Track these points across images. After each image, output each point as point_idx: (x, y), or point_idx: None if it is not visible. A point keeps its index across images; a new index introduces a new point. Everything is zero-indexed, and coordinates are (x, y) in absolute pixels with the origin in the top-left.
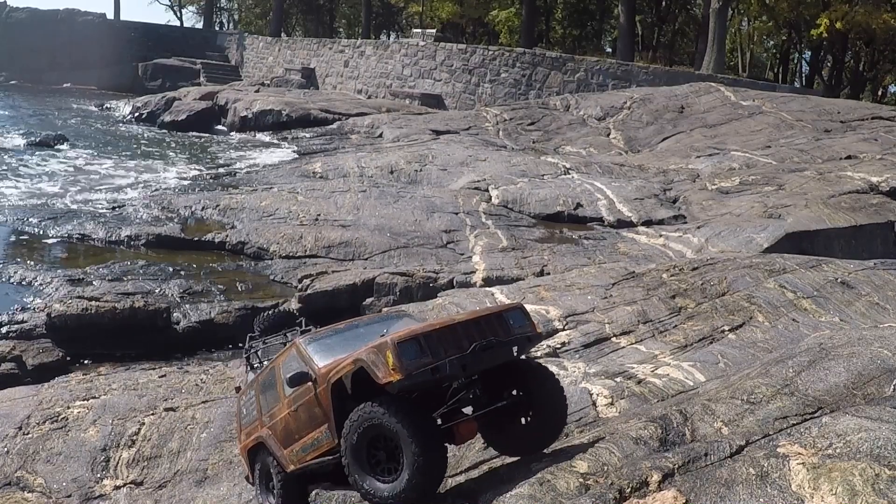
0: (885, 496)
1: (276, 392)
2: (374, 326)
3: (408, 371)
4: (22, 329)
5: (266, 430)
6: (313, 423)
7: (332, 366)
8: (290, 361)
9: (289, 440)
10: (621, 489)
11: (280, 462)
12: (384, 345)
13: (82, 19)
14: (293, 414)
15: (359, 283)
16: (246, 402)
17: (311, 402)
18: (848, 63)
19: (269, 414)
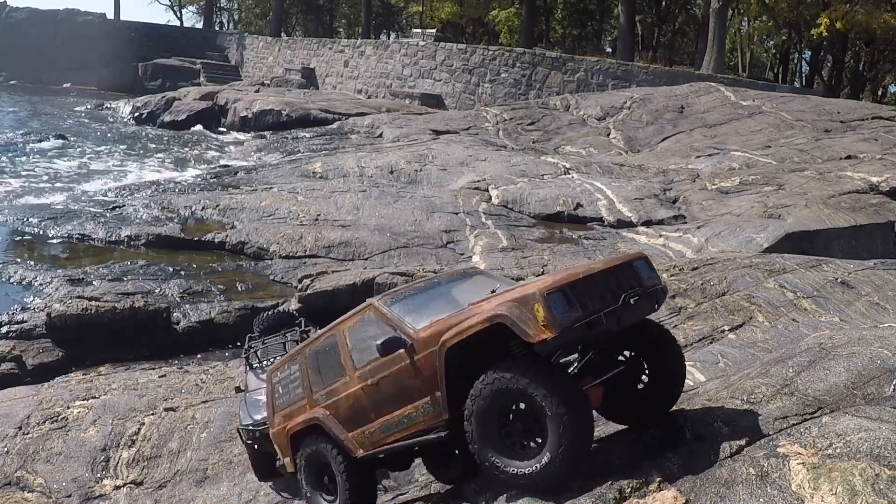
0: (885, 496)
1: (337, 365)
2: (459, 284)
3: (561, 326)
4: (22, 329)
5: (321, 409)
6: (405, 397)
7: (438, 328)
8: (366, 327)
9: (361, 419)
10: (621, 489)
11: (344, 446)
12: (530, 297)
13: (82, 19)
14: (370, 388)
15: (359, 283)
16: (283, 380)
17: (403, 372)
18: (848, 63)
19: (325, 391)
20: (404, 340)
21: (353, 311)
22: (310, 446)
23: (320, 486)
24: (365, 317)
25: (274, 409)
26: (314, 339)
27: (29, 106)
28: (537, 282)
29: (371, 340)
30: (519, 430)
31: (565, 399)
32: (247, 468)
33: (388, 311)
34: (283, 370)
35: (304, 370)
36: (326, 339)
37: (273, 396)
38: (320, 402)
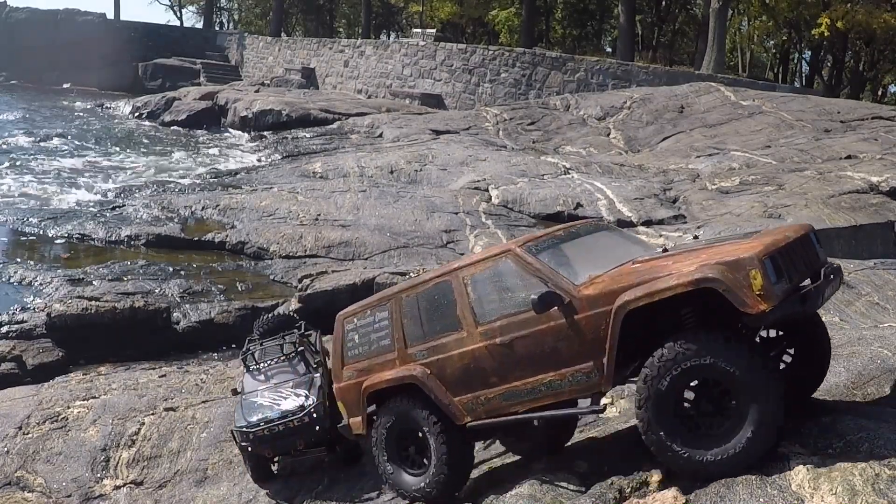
0: (885, 496)
1: (450, 317)
2: (597, 237)
3: (778, 298)
4: (22, 329)
5: (419, 367)
6: (549, 362)
7: (608, 286)
8: (499, 276)
9: (476, 383)
10: (621, 489)
11: (448, 412)
12: (746, 261)
13: (82, 19)
14: (498, 349)
15: (359, 282)
16: (361, 329)
17: (552, 333)
18: (848, 63)
19: (427, 346)
20: (561, 297)
21: (479, 255)
22: (395, 409)
23: (402, 458)
24: (500, 264)
25: (343, 361)
26: (415, 284)
27: (29, 106)
28: (740, 244)
29: (508, 292)
30: (707, 410)
31: (766, 380)
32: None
33: (535, 261)
34: (363, 316)
35: (396, 319)
36: (436, 286)
37: (343, 345)
38: (418, 358)
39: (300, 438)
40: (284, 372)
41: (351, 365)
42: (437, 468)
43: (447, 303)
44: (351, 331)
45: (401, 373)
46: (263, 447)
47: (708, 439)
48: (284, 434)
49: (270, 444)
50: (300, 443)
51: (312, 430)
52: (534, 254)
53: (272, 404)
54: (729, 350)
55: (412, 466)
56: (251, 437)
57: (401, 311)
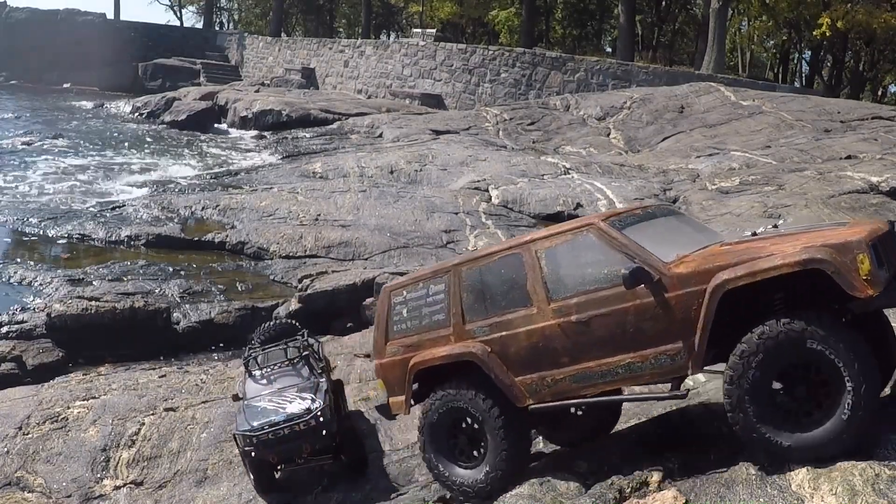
0: (885, 496)
1: (519, 292)
2: (673, 220)
3: (882, 285)
4: (22, 329)
5: (478, 344)
6: (631, 342)
7: (701, 264)
8: (579, 250)
9: (543, 363)
10: (621, 489)
11: (510, 393)
12: (854, 245)
13: (82, 19)
14: (574, 326)
15: (359, 283)
16: (410, 302)
17: (637, 311)
18: (848, 63)
19: (489, 322)
20: (650, 274)
21: (554, 228)
22: (446, 389)
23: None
24: (579, 237)
25: (387, 335)
26: (478, 256)
27: (29, 106)
28: (840, 230)
29: (587, 268)
30: (801, 394)
31: (871, 367)
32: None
33: (620, 236)
34: (414, 289)
35: (454, 293)
36: (503, 259)
37: (388, 319)
38: (477, 334)
39: (306, 443)
40: (288, 376)
41: (396, 340)
42: (493, 454)
43: (516, 277)
44: (399, 304)
45: (457, 350)
46: (268, 452)
47: (797, 423)
48: (290, 438)
49: (275, 448)
50: (306, 447)
51: (319, 435)
52: (618, 229)
53: (277, 408)
54: (838, 333)
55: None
56: (255, 442)
57: (460, 285)
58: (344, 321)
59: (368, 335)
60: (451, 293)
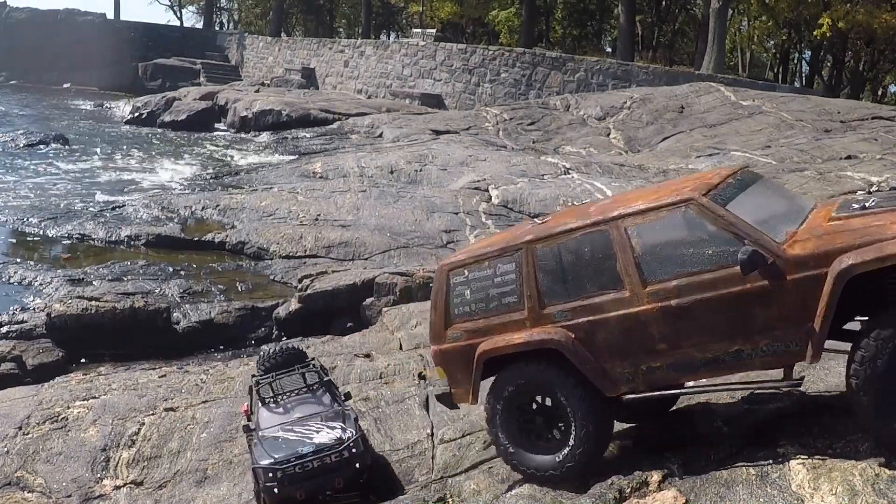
0: (885, 496)
1: (607, 273)
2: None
3: None
4: (22, 329)
5: (560, 330)
6: (737, 329)
7: (820, 245)
8: (676, 228)
9: (637, 350)
10: (621, 489)
11: (599, 383)
12: None
13: (82, 19)
14: (673, 312)
15: (359, 282)
16: (475, 282)
17: (748, 296)
18: (848, 63)
19: (572, 306)
20: (764, 257)
21: (645, 203)
22: (521, 377)
23: (527, 433)
24: (676, 214)
25: (447, 319)
26: (555, 232)
27: (29, 106)
28: None
29: (688, 248)
30: None
31: None
32: (247, 468)
33: (726, 213)
34: (479, 268)
35: (528, 273)
36: (587, 236)
37: (448, 301)
38: (557, 319)
39: (339, 476)
40: (308, 404)
41: (459, 325)
42: (576, 445)
43: (603, 257)
44: (460, 284)
45: (536, 336)
46: (294, 488)
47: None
48: (319, 472)
49: (303, 484)
50: (338, 481)
51: (352, 467)
52: (721, 204)
53: (302, 438)
54: None
55: (539, 443)
56: (280, 476)
57: (534, 264)
58: (344, 321)
59: (368, 335)
60: (525, 273)
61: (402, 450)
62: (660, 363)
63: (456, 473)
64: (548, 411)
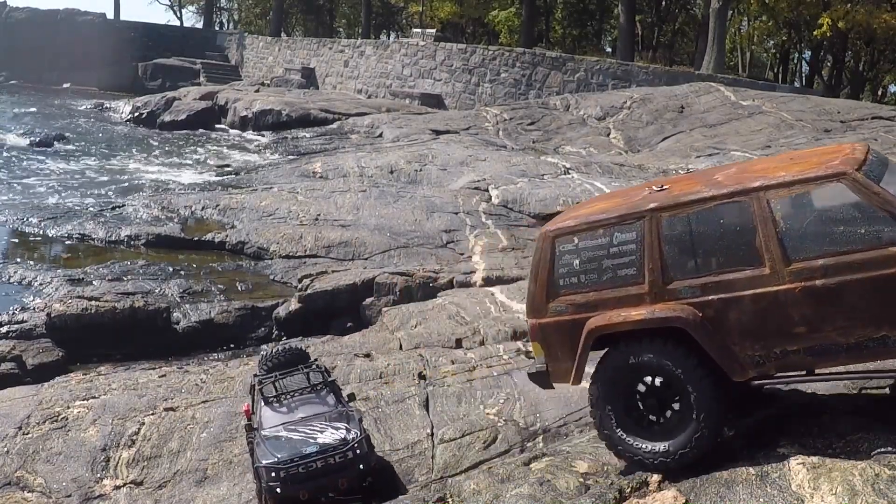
0: (885, 496)
1: (745, 248)
2: None
3: None
4: (22, 329)
5: (688, 308)
6: (891, 314)
7: None
8: (824, 202)
9: (774, 332)
10: (621, 489)
11: (726, 366)
12: None
13: (82, 19)
14: (817, 292)
15: (359, 282)
16: (583, 251)
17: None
18: (848, 63)
19: (702, 281)
20: None
21: (790, 174)
22: (635, 356)
23: (636, 418)
24: (826, 189)
25: (550, 291)
26: (685, 201)
27: (29, 106)
28: None
29: (838, 225)
30: None
31: None
32: (247, 468)
33: (882, 191)
34: (591, 236)
35: (651, 244)
36: (723, 206)
37: (553, 271)
38: (684, 295)
39: (343, 477)
40: (312, 404)
41: (564, 297)
42: (694, 430)
43: (741, 230)
44: (568, 253)
45: (660, 314)
46: (297, 488)
47: None
48: (323, 472)
49: (306, 484)
50: (342, 482)
51: (356, 469)
52: (874, 181)
53: (307, 438)
54: None
55: (650, 427)
56: (283, 476)
57: (659, 235)
58: (344, 321)
59: (368, 335)
60: (647, 244)
61: (402, 450)
62: (797, 347)
63: (456, 473)
64: (660, 393)
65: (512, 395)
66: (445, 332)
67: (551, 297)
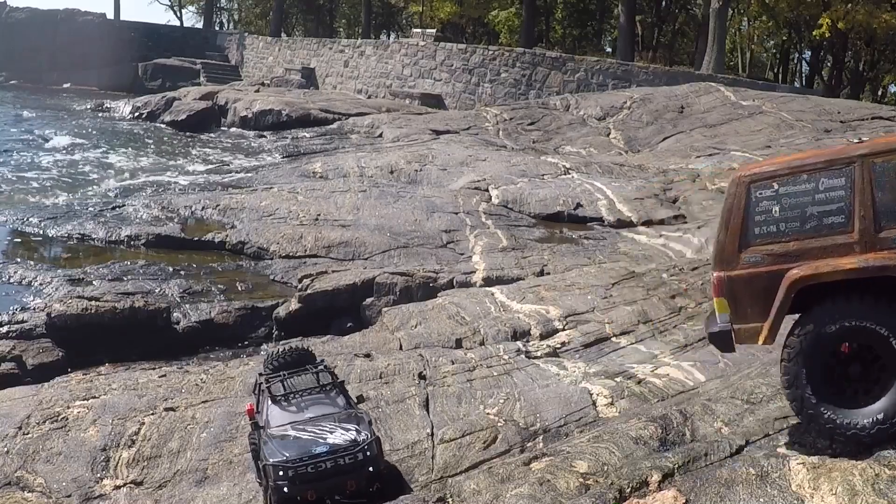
0: (885, 496)
1: None
2: None
3: None
4: (22, 329)
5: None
6: None
7: None
8: None
9: None
10: (621, 489)
11: None
12: None
13: (82, 19)
14: None
15: (359, 282)
16: (783, 196)
17: None
18: (848, 63)
19: None
20: None
21: None
22: (843, 314)
23: (837, 387)
24: None
25: (743, 240)
26: None
27: (29, 106)
28: None
29: None
30: None
31: None
32: (247, 468)
33: None
34: (793, 181)
35: (862, 190)
36: None
37: (747, 218)
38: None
39: (352, 479)
40: (322, 404)
41: (759, 246)
42: None
43: None
44: (766, 199)
45: (876, 262)
46: (305, 488)
47: None
48: (332, 473)
49: (314, 484)
50: (351, 484)
51: (365, 471)
52: None
53: (316, 438)
54: None
55: (855, 397)
56: (291, 475)
57: (871, 181)
58: (344, 321)
59: (368, 335)
60: (859, 191)
61: (401, 450)
62: None
63: (456, 473)
64: (867, 358)
65: (512, 395)
66: (445, 332)
67: (744, 246)
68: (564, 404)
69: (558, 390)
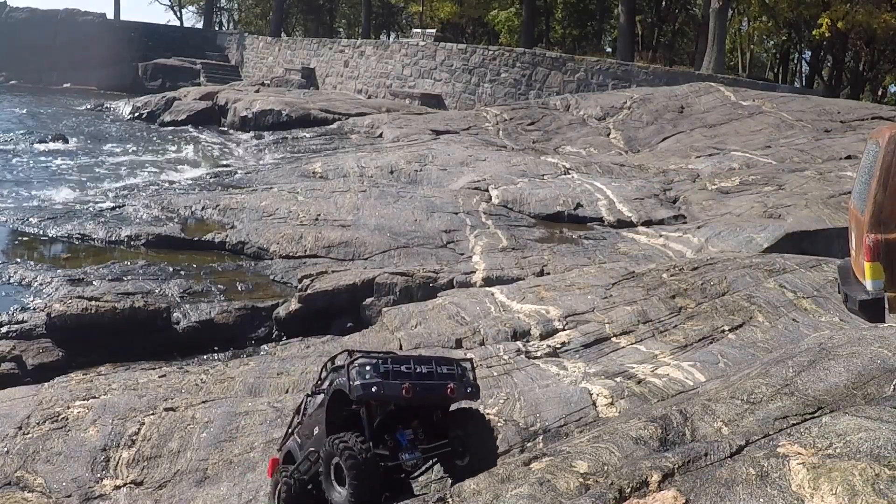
0: (885, 496)
1: None
2: None
3: None
4: (22, 329)
5: None
6: None
7: None
8: None
9: None
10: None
11: None
12: None
13: (82, 19)
14: None
15: (359, 282)
16: None
17: None
18: (848, 63)
19: None
20: None
21: None
22: None
23: None
24: None
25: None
26: None
27: (29, 106)
28: None
29: None
30: None
31: None
32: (247, 468)
33: None
34: None
35: None
36: None
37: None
38: None
39: (451, 385)
40: None
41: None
42: None
43: None
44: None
45: None
46: (399, 384)
47: None
48: (428, 376)
49: (409, 380)
50: (451, 389)
51: (468, 384)
52: None
53: None
54: None
55: None
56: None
57: None
58: (344, 321)
59: (368, 335)
60: None
61: None
62: None
63: None
64: None
65: (512, 395)
66: (445, 332)
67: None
68: (564, 404)
69: (558, 390)
